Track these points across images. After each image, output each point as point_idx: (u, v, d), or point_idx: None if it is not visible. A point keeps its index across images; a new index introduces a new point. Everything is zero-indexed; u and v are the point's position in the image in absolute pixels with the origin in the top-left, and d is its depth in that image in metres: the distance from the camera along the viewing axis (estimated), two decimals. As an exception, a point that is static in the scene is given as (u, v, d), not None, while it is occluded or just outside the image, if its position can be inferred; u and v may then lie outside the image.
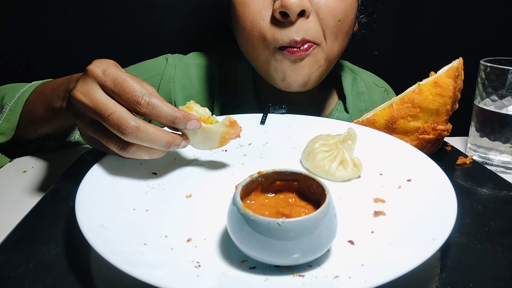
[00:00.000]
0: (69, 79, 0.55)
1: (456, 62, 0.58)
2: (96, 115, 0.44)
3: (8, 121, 0.66)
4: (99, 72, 0.45)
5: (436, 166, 0.48)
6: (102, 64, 0.45)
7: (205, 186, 0.49)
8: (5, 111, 0.67)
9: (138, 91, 0.44)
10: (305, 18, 0.62)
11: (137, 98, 0.43)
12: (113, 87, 0.44)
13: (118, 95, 0.44)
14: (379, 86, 0.93)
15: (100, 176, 0.47)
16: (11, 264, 0.38)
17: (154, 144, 0.44)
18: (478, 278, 0.36)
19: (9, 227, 0.45)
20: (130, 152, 0.45)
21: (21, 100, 0.66)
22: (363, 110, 0.84)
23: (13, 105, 0.67)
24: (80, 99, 0.44)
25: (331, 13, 0.63)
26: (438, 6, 1.08)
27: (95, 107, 0.43)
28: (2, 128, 0.67)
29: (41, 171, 0.64)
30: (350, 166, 0.51)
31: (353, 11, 0.67)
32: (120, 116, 0.43)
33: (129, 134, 0.43)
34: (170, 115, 0.44)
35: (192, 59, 0.86)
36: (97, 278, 0.36)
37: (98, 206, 0.42)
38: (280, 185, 0.40)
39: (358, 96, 0.85)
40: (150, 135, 0.44)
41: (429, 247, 0.33)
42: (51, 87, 0.62)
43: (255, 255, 0.34)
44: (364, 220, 0.42)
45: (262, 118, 0.67)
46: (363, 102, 0.85)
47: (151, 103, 0.44)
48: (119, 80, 0.44)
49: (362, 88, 0.86)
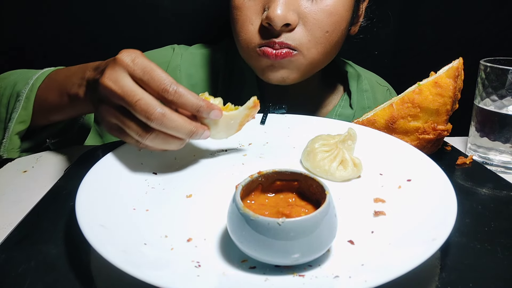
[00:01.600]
0: (84, 67, 0.57)
1: (456, 62, 0.58)
2: (124, 102, 0.45)
3: (26, 108, 0.67)
4: (128, 61, 0.46)
5: (436, 166, 0.48)
6: (131, 54, 0.47)
7: (205, 186, 0.49)
8: (21, 99, 0.67)
9: (166, 79, 0.45)
10: (291, 30, 0.64)
11: (165, 86, 0.45)
12: (142, 75, 0.46)
13: (146, 83, 0.46)
14: (382, 85, 0.94)
15: (100, 176, 0.47)
16: (12, 263, 0.38)
17: (178, 131, 0.46)
18: (478, 278, 0.36)
19: (9, 227, 0.45)
20: (149, 139, 0.47)
21: (35, 87, 0.67)
22: (366, 108, 0.85)
23: (27, 92, 0.67)
24: (109, 86, 0.46)
25: (319, 26, 0.64)
26: (439, 7, 1.08)
27: (124, 94, 0.45)
28: (21, 116, 0.67)
29: (41, 171, 0.64)
30: (350, 166, 0.51)
31: (344, 22, 0.67)
32: (147, 103, 0.45)
33: (155, 119, 0.44)
34: (195, 103, 0.46)
35: (198, 49, 0.87)
36: (97, 278, 0.36)
37: (98, 206, 0.42)
38: (280, 185, 0.40)
39: (361, 93, 0.86)
40: (175, 122, 0.45)
41: (429, 247, 0.33)
42: (65, 74, 0.63)
43: (255, 255, 0.34)
44: (364, 220, 0.42)
45: (262, 118, 0.67)
46: (366, 100, 0.86)
47: (178, 91, 0.45)
48: (148, 69, 0.46)
49: (365, 86, 0.87)
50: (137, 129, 0.46)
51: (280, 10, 0.60)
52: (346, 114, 0.84)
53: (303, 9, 0.63)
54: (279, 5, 0.60)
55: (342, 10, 0.65)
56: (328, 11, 0.64)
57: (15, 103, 0.68)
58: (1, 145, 0.68)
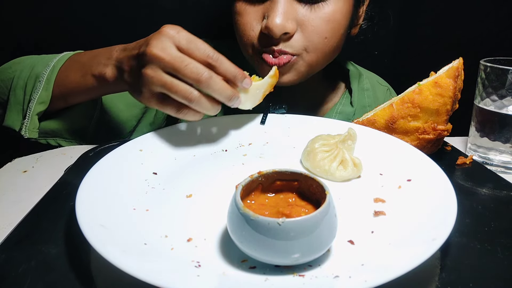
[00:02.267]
0: (109, 49, 0.61)
1: (456, 62, 0.58)
2: (173, 67, 0.50)
3: (46, 89, 0.69)
4: (173, 33, 0.51)
5: (436, 166, 0.48)
6: (175, 27, 0.52)
7: (205, 186, 0.49)
8: (42, 80, 0.69)
9: (209, 48, 0.51)
10: (289, 37, 0.65)
11: (208, 53, 0.51)
12: (187, 44, 0.50)
13: (191, 52, 0.50)
14: (382, 85, 0.94)
15: (100, 176, 0.47)
16: (12, 263, 0.38)
17: (220, 94, 0.51)
18: (478, 278, 0.36)
19: (9, 227, 0.45)
20: (195, 103, 0.51)
21: (56, 69, 0.69)
22: (366, 106, 0.86)
23: (48, 74, 0.69)
24: (157, 54, 0.50)
25: (317, 33, 0.65)
26: (439, 6, 1.08)
27: (173, 60, 0.50)
28: (42, 97, 0.69)
29: (41, 171, 0.64)
30: (350, 166, 0.51)
31: (342, 28, 0.68)
32: (196, 66, 0.50)
33: (204, 81, 0.50)
34: (233, 71, 0.52)
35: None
36: (97, 278, 0.36)
37: (98, 206, 0.42)
38: (280, 185, 0.40)
39: (362, 92, 0.87)
40: (219, 84, 0.51)
41: (429, 247, 0.33)
42: (89, 56, 0.66)
43: (255, 255, 0.34)
44: (364, 220, 0.42)
45: (262, 118, 0.67)
46: (367, 98, 0.87)
47: (219, 59, 0.51)
48: (192, 39, 0.51)
49: (367, 85, 0.88)
50: (185, 92, 0.50)
51: (278, 19, 0.61)
52: (347, 111, 0.85)
53: (301, 17, 0.64)
54: (277, 15, 0.61)
55: (340, 17, 0.66)
56: (326, 18, 0.64)
57: (34, 84, 0.69)
58: (23, 125, 0.70)
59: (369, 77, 0.91)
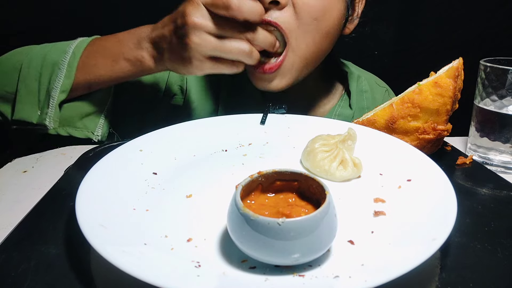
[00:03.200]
0: (137, 32, 0.64)
1: (456, 62, 0.58)
2: (220, 30, 0.55)
3: (68, 77, 0.68)
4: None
5: (436, 166, 0.48)
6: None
7: (205, 186, 0.49)
8: (63, 67, 0.67)
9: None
10: (279, 8, 0.62)
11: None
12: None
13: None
14: (381, 86, 0.94)
15: (100, 176, 0.47)
16: (12, 263, 0.38)
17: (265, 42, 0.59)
18: (478, 278, 0.36)
19: (9, 227, 0.45)
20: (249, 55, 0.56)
21: (77, 55, 0.68)
22: (365, 108, 0.85)
23: (70, 60, 0.68)
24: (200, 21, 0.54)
25: (307, 10, 0.63)
26: (439, 7, 1.08)
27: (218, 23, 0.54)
28: (64, 85, 0.68)
29: (41, 171, 0.64)
30: (350, 166, 0.51)
31: (335, 12, 0.66)
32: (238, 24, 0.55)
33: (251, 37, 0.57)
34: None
35: None
36: (97, 278, 0.36)
37: (98, 206, 0.42)
38: (280, 185, 0.40)
39: (361, 94, 0.86)
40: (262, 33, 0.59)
41: (429, 247, 0.33)
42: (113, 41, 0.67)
43: (255, 255, 0.34)
44: (364, 220, 0.42)
45: (262, 118, 0.67)
46: (365, 100, 0.86)
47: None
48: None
49: (365, 87, 0.87)
50: (238, 48, 0.55)
51: None
52: (346, 114, 0.84)
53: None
54: None
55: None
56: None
57: (52, 72, 0.67)
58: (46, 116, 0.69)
59: (367, 78, 0.90)
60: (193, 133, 0.62)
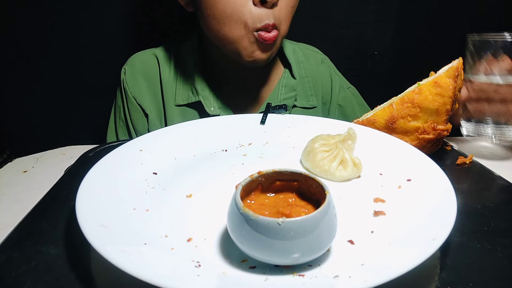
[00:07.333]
0: None
1: (456, 62, 0.58)
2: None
3: None
4: None
5: (436, 166, 0.48)
6: None
7: (205, 186, 0.49)
8: None
9: None
10: (276, 6, 0.70)
11: None
12: None
13: None
14: (314, 51, 0.98)
15: (100, 176, 0.47)
16: (12, 263, 0.38)
17: None
18: (478, 278, 0.36)
19: (9, 227, 0.45)
20: None
21: None
22: (304, 77, 0.90)
23: None
24: None
25: (289, 2, 0.72)
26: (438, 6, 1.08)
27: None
28: None
29: (41, 171, 0.64)
30: (350, 166, 0.51)
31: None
32: None
33: None
34: None
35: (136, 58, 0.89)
36: (97, 278, 0.36)
37: (98, 206, 0.42)
38: (280, 185, 0.40)
39: (298, 64, 0.91)
40: None
41: (429, 247, 0.33)
42: None
43: (255, 255, 0.34)
44: (364, 220, 0.42)
45: (262, 118, 0.67)
46: (303, 70, 0.91)
47: None
48: None
49: (301, 58, 0.92)
50: None
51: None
52: (291, 84, 0.88)
53: None
54: None
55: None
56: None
57: None
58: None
59: (301, 48, 0.94)
60: (193, 133, 0.62)
